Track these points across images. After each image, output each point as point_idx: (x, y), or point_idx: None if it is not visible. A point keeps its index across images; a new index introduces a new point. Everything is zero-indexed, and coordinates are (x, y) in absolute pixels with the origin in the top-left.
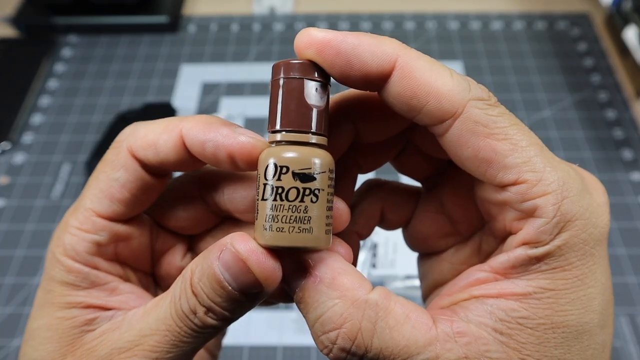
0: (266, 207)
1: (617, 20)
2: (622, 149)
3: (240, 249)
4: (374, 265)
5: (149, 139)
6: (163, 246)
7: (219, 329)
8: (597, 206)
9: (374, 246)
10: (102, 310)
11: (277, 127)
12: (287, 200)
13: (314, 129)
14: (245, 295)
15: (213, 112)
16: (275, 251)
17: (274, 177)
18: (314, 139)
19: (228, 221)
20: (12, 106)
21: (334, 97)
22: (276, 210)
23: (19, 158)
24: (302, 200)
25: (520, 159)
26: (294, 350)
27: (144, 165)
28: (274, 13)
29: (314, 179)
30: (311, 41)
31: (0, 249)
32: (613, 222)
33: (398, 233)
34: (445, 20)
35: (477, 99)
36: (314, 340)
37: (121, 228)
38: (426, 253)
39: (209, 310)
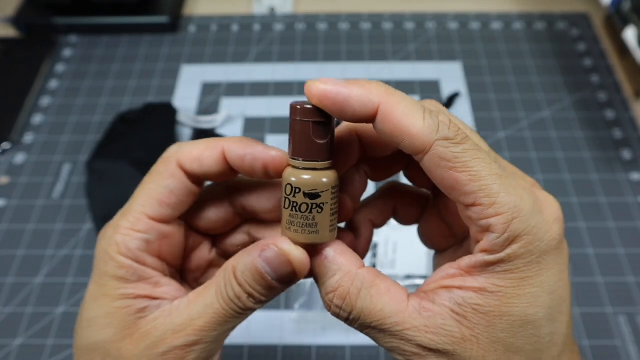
0: (286, 215)
1: (616, 21)
2: (621, 149)
3: (283, 247)
4: (374, 265)
5: (194, 154)
6: (193, 244)
7: (256, 309)
8: (545, 224)
9: (374, 246)
10: (151, 300)
11: (293, 155)
12: (300, 211)
13: (319, 157)
14: (281, 283)
15: (213, 112)
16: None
17: (290, 194)
18: (319, 165)
19: (247, 222)
20: (12, 106)
21: (343, 123)
22: (292, 218)
23: (19, 158)
24: (310, 212)
25: (477, 187)
26: (293, 350)
27: (189, 176)
28: (274, 13)
29: (319, 196)
30: (312, 93)
31: (1, 249)
32: (612, 222)
33: (398, 234)
34: (445, 21)
35: (443, 139)
36: (322, 300)
37: (165, 228)
38: (434, 249)
39: (250, 295)
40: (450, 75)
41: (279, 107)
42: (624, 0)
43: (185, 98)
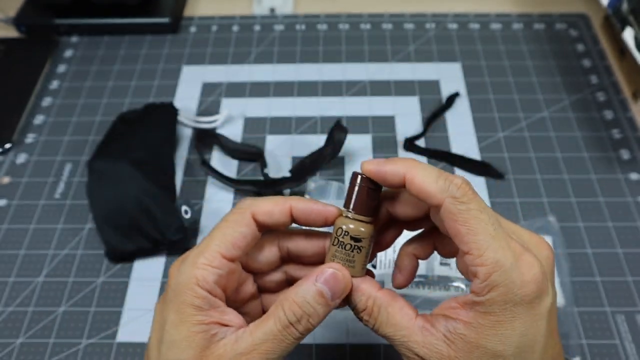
0: (332, 250)
1: (615, 22)
2: (619, 149)
3: (337, 268)
4: (374, 266)
5: (266, 209)
6: (242, 279)
7: (311, 331)
8: (522, 281)
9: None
10: (220, 326)
11: (348, 207)
12: (344, 249)
13: (366, 213)
14: (334, 299)
15: (214, 112)
16: None
17: (340, 235)
18: (365, 219)
19: (285, 263)
20: (14, 107)
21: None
22: (337, 253)
23: (21, 158)
24: (352, 251)
25: (472, 240)
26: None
27: (259, 225)
28: (274, 14)
29: (360, 241)
30: (364, 170)
31: (2, 249)
32: (611, 221)
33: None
34: (445, 21)
35: (451, 197)
36: (357, 316)
37: (232, 266)
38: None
39: (309, 317)
40: (449, 76)
41: (279, 107)
42: (622, 1)
43: (185, 98)
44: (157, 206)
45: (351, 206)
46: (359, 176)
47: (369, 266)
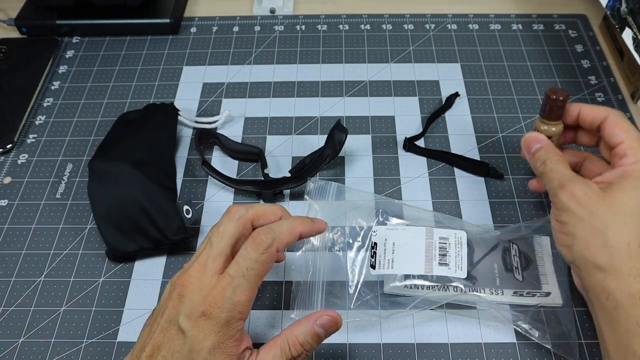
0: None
1: (613, 22)
2: None
3: (334, 315)
4: (372, 266)
5: (285, 241)
6: None
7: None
8: None
9: (373, 246)
10: (244, 351)
11: (542, 116)
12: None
13: (554, 119)
14: (327, 337)
15: (214, 112)
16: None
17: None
18: (554, 123)
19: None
20: (15, 107)
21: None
22: None
23: (22, 158)
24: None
25: (627, 137)
26: None
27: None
28: (275, 14)
29: (551, 138)
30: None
31: (4, 248)
32: None
33: (397, 234)
34: (444, 22)
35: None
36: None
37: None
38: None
39: (307, 351)
40: (449, 76)
41: (279, 107)
42: (621, 1)
43: (186, 99)
44: (158, 206)
45: (545, 115)
46: (551, 95)
47: (369, 267)
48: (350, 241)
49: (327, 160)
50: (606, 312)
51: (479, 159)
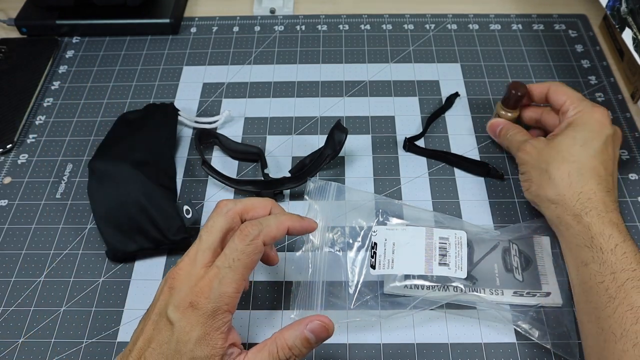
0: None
1: (613, 22)
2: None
3: (325, 320)
4: (372, 266)
5: (272, 234)
6: None
7: None
8: (595, 114)
9: (373, 246)
10: (231, 347)
11: (504, 105)
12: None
13: (512, 108)
14: (318, 343)
15: (214, 112)
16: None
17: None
18: (512, 111)
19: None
20: (15, 107)
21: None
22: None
23: (22, 158)
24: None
25: (568, 98)
26: None
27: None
28: (275, 14)
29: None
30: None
31: (4, 249)
32: None
33: (397, 234)
34: (444, 22)
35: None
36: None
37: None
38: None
39: (296, 356)
40: (449, 76)
41: (279, 107)
42: (621, 1)
43: (186, 99)
44: (158, 206)
45: (504, 103)
46: (515, 89)
47: (369, 267)
48: (350, 241)
49: (327, 161)
50: (563, 237)
51: (479, 159)
